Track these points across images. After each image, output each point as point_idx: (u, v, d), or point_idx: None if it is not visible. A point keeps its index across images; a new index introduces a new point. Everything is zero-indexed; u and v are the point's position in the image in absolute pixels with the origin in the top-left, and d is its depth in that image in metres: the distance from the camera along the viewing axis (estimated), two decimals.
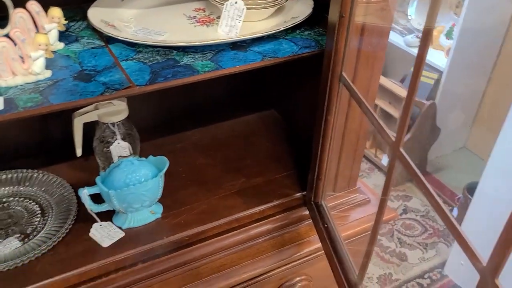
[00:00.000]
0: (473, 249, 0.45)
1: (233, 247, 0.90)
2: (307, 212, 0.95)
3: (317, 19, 0.88)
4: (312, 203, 0.92)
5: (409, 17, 2.58)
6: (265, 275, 0.93)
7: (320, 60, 0.79)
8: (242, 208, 0.93)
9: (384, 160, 2.50)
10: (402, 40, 2.51)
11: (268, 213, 0.94)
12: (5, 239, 0.84)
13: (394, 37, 2.54)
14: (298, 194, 0.97)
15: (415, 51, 2.42)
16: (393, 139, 0.59)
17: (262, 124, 1.19)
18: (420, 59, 0.51)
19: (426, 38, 0.49)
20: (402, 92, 2.37)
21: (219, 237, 0.89)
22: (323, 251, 0.86)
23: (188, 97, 1.18)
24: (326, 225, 0.86)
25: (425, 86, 2.41)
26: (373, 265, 2.03)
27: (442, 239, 2.14)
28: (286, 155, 1.08)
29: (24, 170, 0.95)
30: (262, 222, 0.93)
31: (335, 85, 0.76)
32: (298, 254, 0.93)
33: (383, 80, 2.49)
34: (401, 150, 0.58)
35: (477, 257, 0.45)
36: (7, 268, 0.78)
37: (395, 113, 2.44)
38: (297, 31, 0.85)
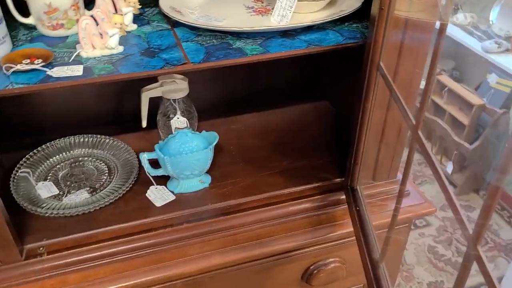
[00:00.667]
0: (464, 221, 0.49)
1: (270, 220, 0.98)
2: (344, 197, 1.00)
3: (367, 12, 0.92)
4: (348, 187, 0.97)
5: (491, 22, 2.48)
6: (299, 251, 0.99)
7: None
8: (283, 186, 1.00)
9: (449, 168, 2.43)
10: (479, 46, 2.42)
11: (307, 193, 1.01)
12: (77, 190, 0.98)
13: (471, 42, 2.45)
14: (338, 180, 1.03)
15: (493, 58, 2.33)
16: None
17: (315, 113, 1.25)
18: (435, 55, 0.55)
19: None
20: (474, 99, 2.30)
21: (258, 210, 0.97)
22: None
23: (247, 84, 1.28)
24: (358, 208, 0.91)
25: (500, 94, 2.31)
26: (424, 271, 2.00)
27: (502, 254, 2.05)
28: (332, 143, 1.14)
29: (98, 136, 1.10)
30: (300, 200, 1.00)
31: (373, 74, 0.80)
32: (332, 234, 0.99)
33: (455, 86, 2.42)
34: (419, 133, 0.62)
35: (466, 227, 0.49)
36: (76, 213, 0.92)
37: (465, 120, 2.37)
38: (346, 23, 0.91)
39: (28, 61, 0.76)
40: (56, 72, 0.74)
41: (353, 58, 0.98)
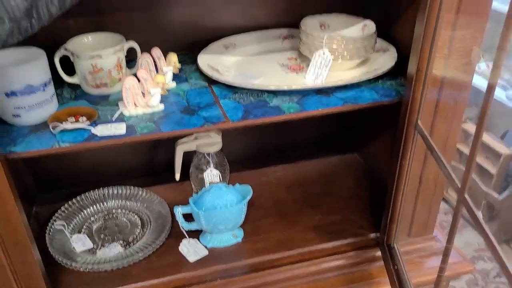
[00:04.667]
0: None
1: (303, 277, 0.96)
2: (379, 253, 0.98)
3: (400, 70, 0.94)
4: (385, 245, 0.95)
5: None
6: None
7: (400, 108, 0.85)
8: (316, 242, 0.99)
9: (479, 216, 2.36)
10: (504, 95, 2.42)
11: (341, 250, 0.99)
12: (111, 243, 0.99)
13: (496, 91, 2.45)
14: (372, 235, 1.01)
15: None
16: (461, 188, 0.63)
17: (345, 167, 1.25)
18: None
19: None
20: (501, 148, 2.27)
21: (292, 266, 0.96)
22: None
23: (278, 138, 1.29)
24: (396, 267, 0.88)
25: None
26: None
27: None
28: (364, 197, 1.13)
29: (132, 187, 1.11)
30: (334, 257, 0.98)
31: (410, 133, 0.81)
32: None
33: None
34: (466, 196, 0.62)
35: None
36: (111, 268, 0.92)
37: (493, 169, 2.33)
38: (380, 81, 0.92)
39: (73, 119, 0.79)
40: (101, 130, 0.76)
41: (385, 114, 0.99)
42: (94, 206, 1.08)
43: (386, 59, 0.95)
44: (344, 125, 1.30)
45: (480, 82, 2.54)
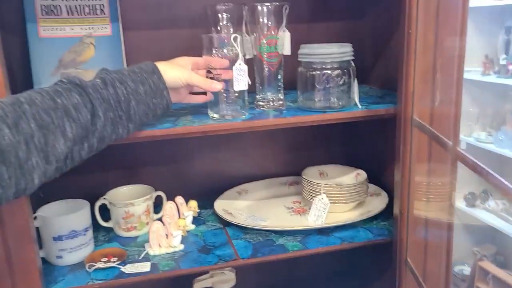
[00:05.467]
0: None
1: None
2: None
3: (392, 212, 1.06)
4: None
5: None
6: None
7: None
8: None
9: None
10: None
11: None
12: None
13: (509, 228, 2.50)
14: None
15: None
16: None
17: None
18: None
19: None
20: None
21: None
22: None
23: (288, 273, 1.37)
24: None
25: None
26: None
27: None
28: None
29: None
30: None
31: (403, 270, 0.90)
32: None
33: (500, 272, 2.39)
34: None
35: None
36: None
37: None
38: (374, 222, 1.04)
39: (106, 259, 0.91)
40: (128, 269, 0.88)
41: (381, 250, 1.08)
42: None
43: (378, 202, 1.09)
44: (348, 260, 1.38)
45: (491, 219, 2.60)
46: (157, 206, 1.09)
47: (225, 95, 0.89)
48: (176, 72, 0.84)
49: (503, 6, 2.29)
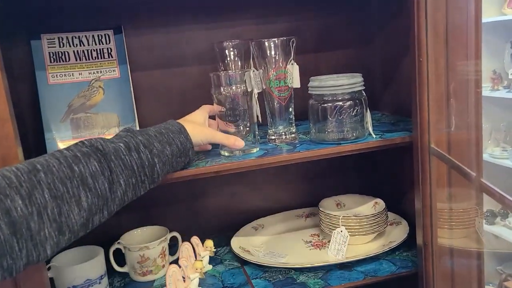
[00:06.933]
0: None
1: None
2: None
3: (414, 241, 1.03)
4: None
5: None
6: None
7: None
8: None
9: None
10: None
11: None
12: None
13: None
14: None
15: None
16: None
17: None
18: None
19: None
20: None
21: None
22: None
23: None
24: None
25: None
26: None
27: None
28: None
29: None
30: None
31: None
32: None
33: None
34: None
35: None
36: None
37: None
38: (396, 252, 1.01)
39: None
40: None
41: (405, 285, 1.04)
42: None
43: (399, 232, 1.06)
44: None
45: None
46: (173, 246, 1.07)
47: (234, 131, 0.89)
48: (200, 131, 0.84)
49: (507, 20, 2.29)
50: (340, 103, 0.88)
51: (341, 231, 1.01)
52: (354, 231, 1.02)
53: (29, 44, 0.99)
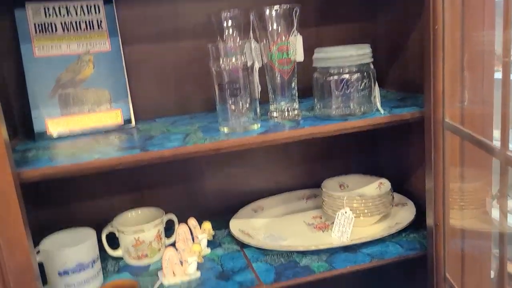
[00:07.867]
0: None
1: None
2: None
3: (421, 222, 0.98)
4: None
5: None
6: None
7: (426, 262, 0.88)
8: None
9: None
10: None
11: None
12: None
13: None
14: None
15: None
16: None
17: None
18: None
19: None
20: None
21: None
22: None
23: None
24: None
25: None
26: None
27: None
28: None
29: None
30: None
31: (441, 285, 0.82)
32: None
33: None
34: None
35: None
36: None
37: None
38: (403, 234, 0.97)
39: None
40: None
41: (413, 268, 1.01)
42: None
43: (406, 213, 1.01)
44: (378, 278, 1.30)
45: None
46: (169, 229, 1.02)
47: (234, 107, 0.83)
48: None
49: None
50: (347, 76, 0.83)
51: (345, 213, 0.96)
52: (358, 213, 0.97)
53: (12, 13, 0.92)
